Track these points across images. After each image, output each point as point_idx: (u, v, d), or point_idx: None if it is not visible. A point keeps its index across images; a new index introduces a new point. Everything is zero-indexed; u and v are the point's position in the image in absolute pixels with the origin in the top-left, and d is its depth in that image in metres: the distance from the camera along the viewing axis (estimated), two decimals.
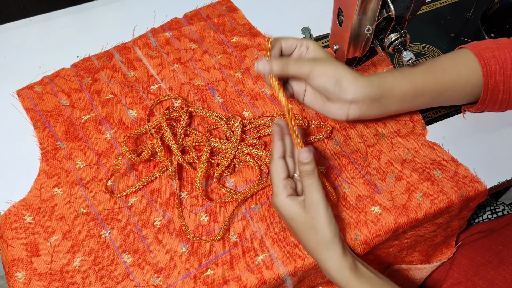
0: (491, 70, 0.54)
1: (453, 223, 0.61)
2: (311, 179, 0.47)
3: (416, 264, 0.69)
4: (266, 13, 0.74)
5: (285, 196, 0.48)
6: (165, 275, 0.50)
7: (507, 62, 0.54)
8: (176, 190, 0.55)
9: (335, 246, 0.47)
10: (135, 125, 0.61)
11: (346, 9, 0.51)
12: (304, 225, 0.47)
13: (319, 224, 0.46)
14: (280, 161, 0.48)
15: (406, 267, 0.71)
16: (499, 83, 0.55)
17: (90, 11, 0.74)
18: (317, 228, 0.46)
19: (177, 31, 0.70)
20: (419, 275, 0.71)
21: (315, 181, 0.47)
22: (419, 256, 0.67)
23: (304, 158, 0.46)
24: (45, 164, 0.57)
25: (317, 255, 0.48)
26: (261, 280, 0.50)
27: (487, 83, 0.55)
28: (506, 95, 0.56)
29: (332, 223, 0.47)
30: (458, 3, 0.77)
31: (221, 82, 0.65)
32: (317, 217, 0.46)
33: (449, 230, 0.63)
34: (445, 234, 0.63)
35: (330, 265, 0.47)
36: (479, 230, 0.72)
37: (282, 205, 0.48)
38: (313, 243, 0.47)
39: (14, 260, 0.50)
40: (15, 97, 0.63)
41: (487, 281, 0.65)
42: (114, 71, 0.65)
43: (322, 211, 0.46)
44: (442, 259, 0.68)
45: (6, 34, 0.70)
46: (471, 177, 0.57)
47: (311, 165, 0.47)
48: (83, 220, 0.53)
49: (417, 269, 0.70)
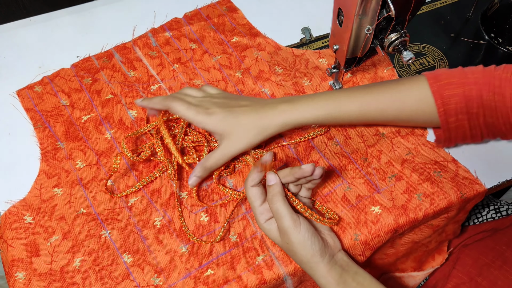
0: (451, 109, 0.50)
1: (448, 227, 0.61)
2: (274, 204, 0.46)
3: (409, 271, 0.70)
4: (266, 13, 0.74)
5: (263, 222, 0.49)
6: (165, 275, 0.50)
7: (472, 100, 0.50)
8: (176, 190, 0.55)
9: (316, 265, 0.47)
10: (135, 125, 0.61)
11: (346, 9, 0.51)
12: (284, 247, 0.48)
13: (294, 247, 0.47)
14: (253, 189, 0.48)
15: (399, 275, 0.71)
16: (463, 121, 0.51)
17: (90, 11, 0.74)
18: (294, 251, 0.47)
19: (177, 31, 0.70)
20: (412, 282, 0.71)
21: (280, 206, 0.46)
22: (412, 264, 0.68)
23: (270, 181, 0.47)
24: (45, 164, 0.57)
25: (305, 270, 0.49)
26: (261, 280, 0.50)
27: (447, 123, 0.52)
28: (476, 130, 0.52)
29: (308, 245, 0.46)
30: (458, 3, 0.77)
31: (221, 82, 0.65)
32: (290, 242, 0.47)
33: (443, 235, 0.63)
34: (439, 239, 0.63)
35: (317, 280, 0.48)
36: (484, 229, 0.72)
37: (262, 229, 0.49)
38: (297, 261, 0.48)
39: (14, 260, 0.50)
40: (15, 97, 0.63)
41: (490, 281, 0.65)
42: (114, 71, 0.65)
43: (293, 237, 0.46)
44: (435, 265, 0.68)
45: (6, 34, 0.70)
46: (471, 178, 0.57)
47: (275, 188, 0.47)
48: (83, 220, 0.53)
49: (410, 277, 0.70)
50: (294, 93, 0.64)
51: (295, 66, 0.67)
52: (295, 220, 0.46)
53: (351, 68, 0.59)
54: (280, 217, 0.46)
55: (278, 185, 0.47)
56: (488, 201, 0.77)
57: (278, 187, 0.47)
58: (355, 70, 0.67)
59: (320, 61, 0.68)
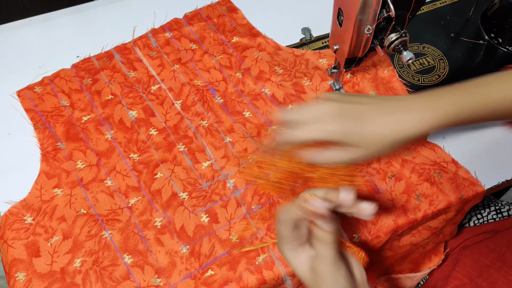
0: None
1: (446, 228, 0.62)
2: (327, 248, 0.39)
3: (406, 273, 0.70)
4: (266, 13, 0.74)
5: (289, 250, 0.42)
6: (165, 275, 0.50)
7: None
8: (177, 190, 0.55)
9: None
10: (136, 125, 0.61)
11: (346, 9, 0.51)
12: (310, 281, 0.41)
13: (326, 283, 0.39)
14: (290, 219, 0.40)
15: (396, 277, 0.71)
16: None
17: (90, 11, 0.74)
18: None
19: (177, 31, 0.70)
20: (409, 283, 0.71)
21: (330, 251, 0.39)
22: (409, 265, 0.68)
23: (328, 228, 0.39)
24: (46, 164, 0.57)
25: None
26: (261, 281, 0.50)
27: None
28: None
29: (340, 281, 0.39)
30: (458, 3, 0.77)
31: (222, 83, 0.65)
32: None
33: (440, 236, 0.63)
34: (436, 240, 0.63)
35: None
36: (484, 230, 0.72)
37: (284, 256, 0.43)
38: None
39: (15, 261, 0.50)
40: (15, 97, 0.63)
41: (490, 282, 0.65)
42: (114, 71, 0.65)
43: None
44: (431, 266, 0.68)
45: (6, 34, 0.70)
46: (471, 180, 0.57)
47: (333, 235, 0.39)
48: (83, 221, 0.53)
49: (408, 278, 0.70)
50: (295, 93, 0.64)
51: (295, 66, 0.67)
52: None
53: (351, 68, 0.59)
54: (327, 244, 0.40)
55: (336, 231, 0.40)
56: (489, 202, 0.77)
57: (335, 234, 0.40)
58: (355, 70, 0.67)
59: (320, 61, 0.68)
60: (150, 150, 0.58)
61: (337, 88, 0.65)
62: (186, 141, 0.60)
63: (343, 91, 0.65)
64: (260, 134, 0.60)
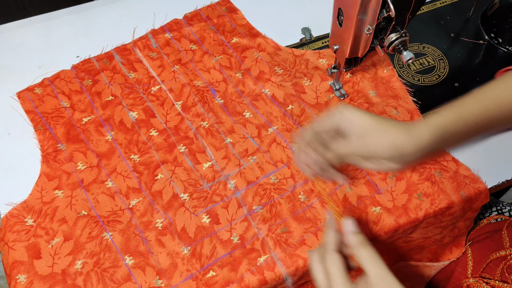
0: None
1: (459, 223, 0.61)
2: (364, 248, 0.41)
3: (425, 261, 0.69)
4: (266, 13, 0.74)
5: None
6: (167, 277, 0.50)
7: None
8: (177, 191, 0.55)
9: None
10: (136, 126, 0.60)
11: (346, 9, 0.51)
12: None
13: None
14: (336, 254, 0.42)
15: (415, 264, 0.71)
16: None
17: (90, 12, 0.74)
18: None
19: (177, 32, 0.70)
20: (428, 272, 0.71)
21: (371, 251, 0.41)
22: (428, 255, 0.67)
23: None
24: (46, 166, 0.57)
25: None
26: (262, 281, 0.50)
27: None
28: None
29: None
30: (458, 3, 0.77)
31: (222, 83, 0.65)
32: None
33: (456, 230, 0.63)
34: (452, 234, 0.63)
35: None
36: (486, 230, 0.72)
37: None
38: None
39: (16, 263, 0.50)
40: (15, 99, 0.63)
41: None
42: (115, 72, 0.65)
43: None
44: (452, 258, 0.68)
45: (6, 34, 0.70)
46: (471, 177, 0.57)
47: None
48: (84, 222, 0.53)
49: (426, 267, 0.70)
50: (295, 94, 0.64)
51: (295, 67, 0.67)
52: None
53: (351, 68, 0.59)
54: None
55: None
56: (490, 202, 0.77)
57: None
58: (355, 70, 0.67)
59: (320, 61, 0.68)
60: (150, 151, 0.58)
61: (337, 88, 0.65)
62: (186, 142, 0.60)
63: (343, 91, 0.65)
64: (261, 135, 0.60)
